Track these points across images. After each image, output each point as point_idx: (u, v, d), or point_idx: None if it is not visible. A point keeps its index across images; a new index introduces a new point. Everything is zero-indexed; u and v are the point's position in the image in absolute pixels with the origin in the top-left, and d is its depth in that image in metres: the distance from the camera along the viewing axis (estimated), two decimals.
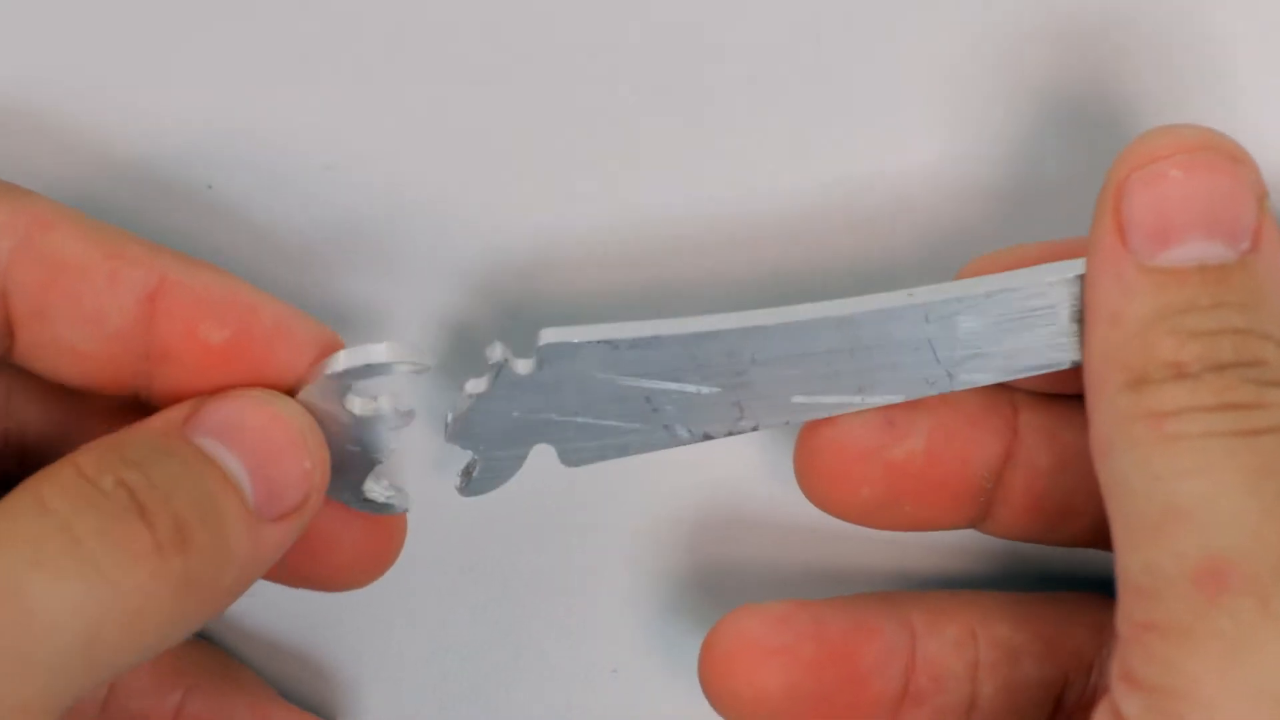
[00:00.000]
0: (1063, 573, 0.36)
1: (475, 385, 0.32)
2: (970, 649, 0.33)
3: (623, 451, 0.32)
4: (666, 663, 0.37)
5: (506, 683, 0.36)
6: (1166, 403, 0.28)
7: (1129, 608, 0.28)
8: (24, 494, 0.28)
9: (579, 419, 0.32)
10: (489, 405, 0.32)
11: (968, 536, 0.36)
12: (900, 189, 0.34)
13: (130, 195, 0.35)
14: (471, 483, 0.33)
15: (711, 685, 0.33)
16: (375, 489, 0.32)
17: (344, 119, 0.35)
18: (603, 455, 0.32)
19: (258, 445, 0.30)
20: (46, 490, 0.28)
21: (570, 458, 0.32)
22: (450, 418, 0.32)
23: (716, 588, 0.37)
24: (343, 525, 0.33)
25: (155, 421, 0.31)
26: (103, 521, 0.28)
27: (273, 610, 0.38)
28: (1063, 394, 0.33)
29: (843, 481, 0.33)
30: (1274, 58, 0.34)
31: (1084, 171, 0.33)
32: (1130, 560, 0.28)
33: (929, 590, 0.35)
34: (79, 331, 0.31)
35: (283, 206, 0.35)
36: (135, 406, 0.32)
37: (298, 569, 0.33)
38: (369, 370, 0.31)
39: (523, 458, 0.32)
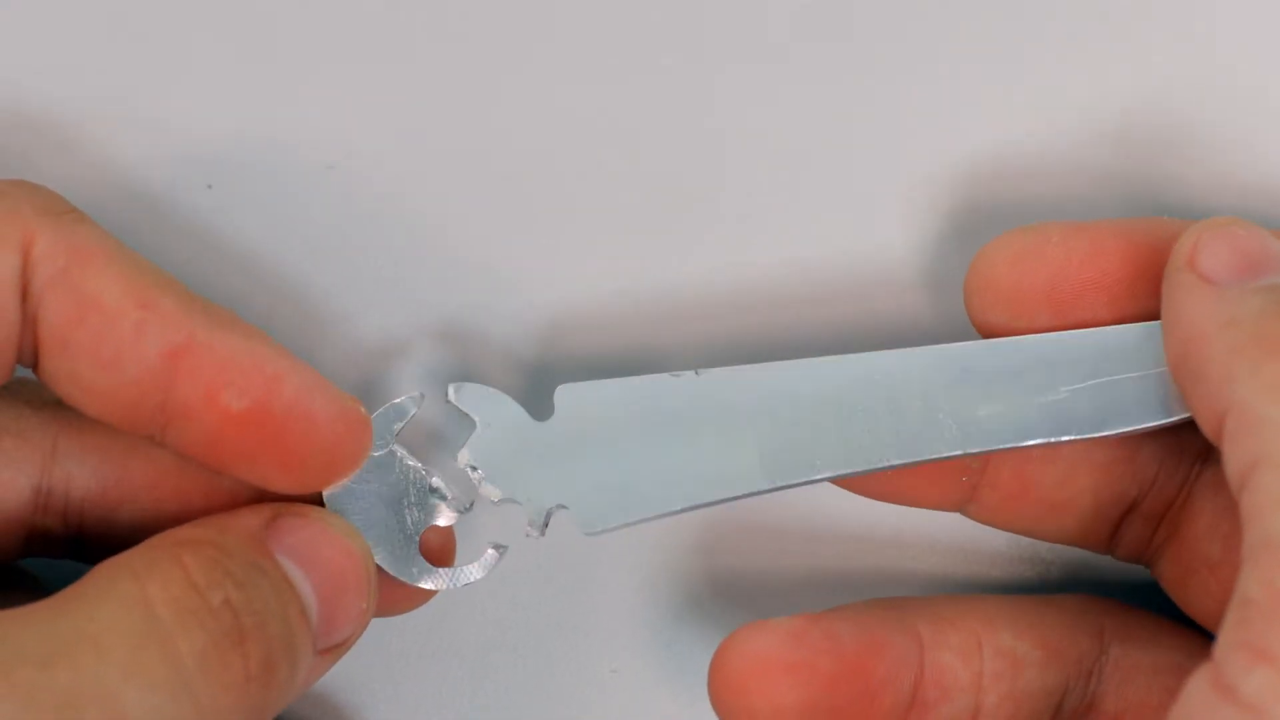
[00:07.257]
0: (1060, 578, 0.36)
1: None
2: (976, 659, 0.33)
3: (641, 510, 0.32)
4: (667, 663, 0.36)
5: (506, 683, 0.36)
6: None
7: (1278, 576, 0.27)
8: (126, 583, 0.29)
9: (595, 474, 0.32)
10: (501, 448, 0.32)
11: (964, 539, 0.36)
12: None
13: (130, 195, 0.35)
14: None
15: (725, 703, 0.32)
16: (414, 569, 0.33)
17: (344, 119, 0.35)
18: (622, 516, 0.32)
19: (329, 578, 0.31)
20: (153, 590, 0.28)
21: (590, 521, 0.32)
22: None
23: (717, 587, 0.37)
24: None
25: (239, 522, 0.31)
26: (207, 642, 0.28)
27: None
28: None
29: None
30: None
31: None
32: None
33: (932, 596, 0.35)
34: (96, 372, 0.30)
35: (283, 206, 0.35)
36: (177, 469, 0.32)
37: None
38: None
39: (542, 523, 0.33)
